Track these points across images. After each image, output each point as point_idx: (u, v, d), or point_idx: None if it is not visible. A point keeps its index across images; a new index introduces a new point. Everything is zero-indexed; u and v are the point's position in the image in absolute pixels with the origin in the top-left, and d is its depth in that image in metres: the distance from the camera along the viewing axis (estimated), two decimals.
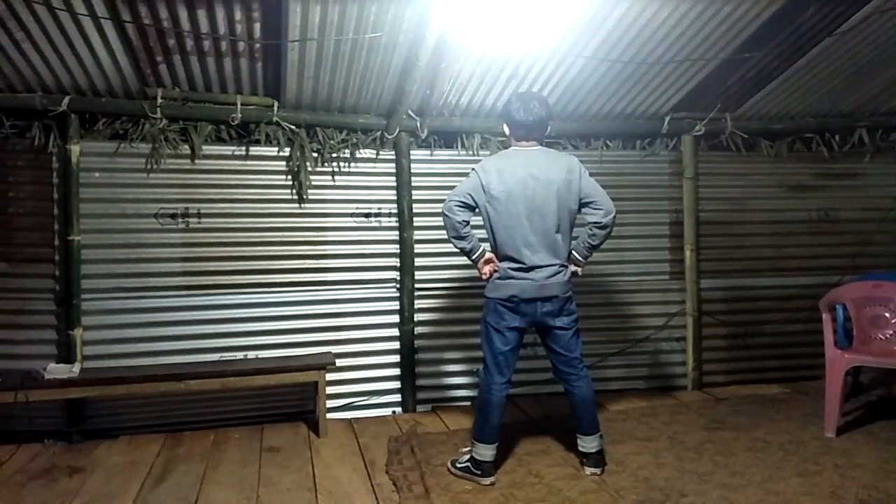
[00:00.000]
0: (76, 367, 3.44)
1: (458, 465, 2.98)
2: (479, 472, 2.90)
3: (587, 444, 2.97)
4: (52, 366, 3.41)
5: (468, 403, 4.11)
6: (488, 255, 2.95)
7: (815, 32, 3.68)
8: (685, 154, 4.44)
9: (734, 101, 4.34)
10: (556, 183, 2.86)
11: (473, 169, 2.96)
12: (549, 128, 3.03)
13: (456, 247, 2.95)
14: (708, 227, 4.50)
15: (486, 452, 2.91)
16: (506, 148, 3.17)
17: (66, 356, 3.58)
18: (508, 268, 2.88)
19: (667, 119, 4.33)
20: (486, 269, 2.94)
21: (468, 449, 3.02)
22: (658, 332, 4.44)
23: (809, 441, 3.31)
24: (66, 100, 3.55)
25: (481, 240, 2.99)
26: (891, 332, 3.54)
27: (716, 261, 4.53)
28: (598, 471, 2.95)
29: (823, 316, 3.52)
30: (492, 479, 2.90)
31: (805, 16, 3.53)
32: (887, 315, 3.57)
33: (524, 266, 2.85)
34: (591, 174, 3.00)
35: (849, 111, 4.59)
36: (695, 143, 4.44)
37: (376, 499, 2.79)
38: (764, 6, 3.39)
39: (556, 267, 2.88)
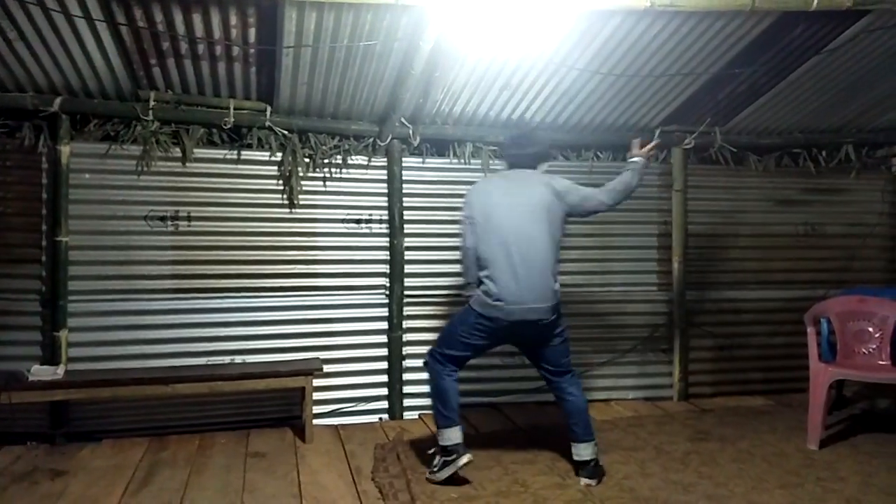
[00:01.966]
0: (61, 369, 3.41)
1: (435, 468, 2.95)
2: (454, 456, 2.89)
3: (581, 451, 2.98)
4: (36, 367, 3.39)
5: None
6: None
7: (803, 50, 3.74)
8: (675, 167, 4.48)
9: (724, 116, 4.39)
10: (538, 203, 2.91)
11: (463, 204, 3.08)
12: (538, 158, 3.14)
13: (462, 276, 3.09)
14: (696, 240, 4.54)
15: (453, 435, 2.92)
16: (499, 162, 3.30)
17: (51, 358, 3.55)
18: (493, 288, 2.85)
19: (657, 132, 4.37)
20: None
21: (433, 450, 3.03)
22: (645, 343, 4.47)
23: (793, 453, 3.34)
24: (58, 100, 3.54)
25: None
26: (874, 346, 3.59)
27: (703, 273, 4.57)
28: (592, 482, 2.94)
29: (808, 329, 3.56)
30: (469, 455, 2.90)
31: (794, 34, 3.58)
32: (871, 329, 3.61)
33: (507, 288, 2.83)
34: (580, 184, 3.06)
35: (836, 127, 4.66)
36: (684, 156, 4.49)
37: None
38: (754, 23, 3.44)
39: (541, 291, 2.86)
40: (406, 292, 4.12)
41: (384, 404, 4.10)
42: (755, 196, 4.67)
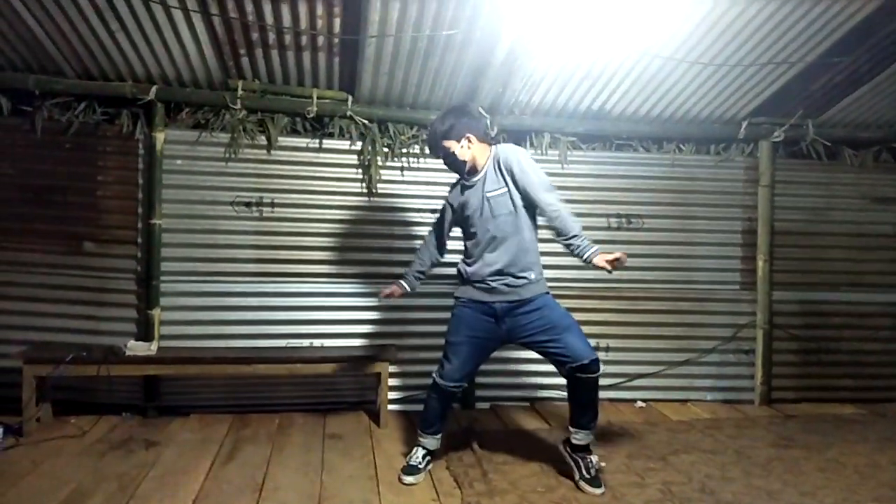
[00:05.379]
0: (154, 346, 3.59)
1: (589, 475, 2.83)
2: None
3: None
4: (131, 343, 3.57)
5: (527, 404, 4.10)
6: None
7: None
8: (762, 161, 4.30)
9: (817, 107, 4.17)
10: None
11: None
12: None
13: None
14: (783, 238, 4.35)
15: None
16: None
17: (145, 334, 3.74)
18: None
19: (744, 124, 4.21)
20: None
21: (593, 459, 2.89)
22: (726, 344, 4.31)
23: (887, 466, 3.16)
24: (154, 89, 3.71)
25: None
26: None
27: (790, 272, 4.37)
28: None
29: None
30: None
31: None
32: None
33: None
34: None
35: None
36: (773, 150, 4.29)
37: (437, 493, 2.80)
38: (857, 8, 3.26)
39: None
40: None
41: None
42: (849, 193, 4.43)
